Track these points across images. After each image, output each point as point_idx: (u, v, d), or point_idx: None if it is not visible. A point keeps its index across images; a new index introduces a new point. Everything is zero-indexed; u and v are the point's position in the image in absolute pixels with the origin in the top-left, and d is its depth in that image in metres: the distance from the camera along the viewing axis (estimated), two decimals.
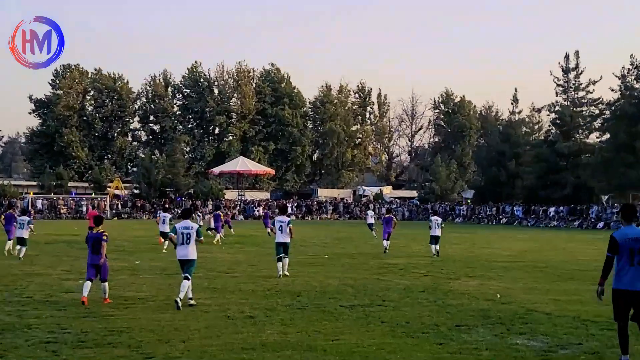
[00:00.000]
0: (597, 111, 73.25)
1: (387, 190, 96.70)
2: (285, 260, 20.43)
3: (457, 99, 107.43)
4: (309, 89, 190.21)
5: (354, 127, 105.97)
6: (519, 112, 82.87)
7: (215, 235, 35.73)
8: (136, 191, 79.87)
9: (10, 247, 27.54)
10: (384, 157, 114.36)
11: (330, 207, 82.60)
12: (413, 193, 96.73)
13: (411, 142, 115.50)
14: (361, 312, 14.18)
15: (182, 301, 14.55)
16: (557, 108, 73.93)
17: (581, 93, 74.14)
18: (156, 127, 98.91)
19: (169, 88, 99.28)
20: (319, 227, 57.16)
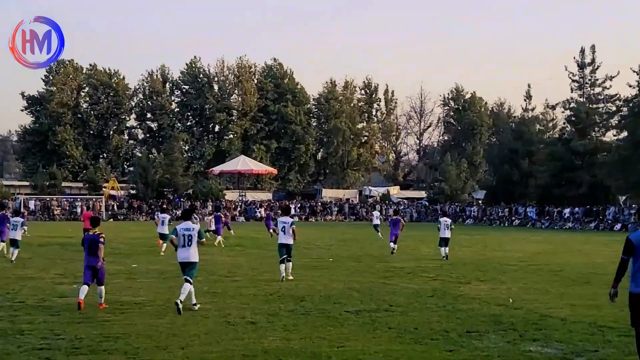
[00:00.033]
0: (614, 108, 73.13)
1: (395, 190, 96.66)
2: (288, 263, 20.50)
3: (468, 96, 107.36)
4: (313, 85, 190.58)
5: (360, 125, 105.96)
6: (533, 109, 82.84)
7: (215, 237, 35.85)
8: (133, 191, 79.98)
9: (3, 250, 27.62)
10: (391, 156, 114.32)
11: (335, 208, 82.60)
12: (421, 193, 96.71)
13: (420, 141, 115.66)
14: (367, 318, 14.17)
15: (183, 304, 14.56)
16: (572, 105, 73.78)
17: (597, 89, 74.02)
18: (153, 125, 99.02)
19: (167, 84, 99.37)
20: (323, 229, 57.15)
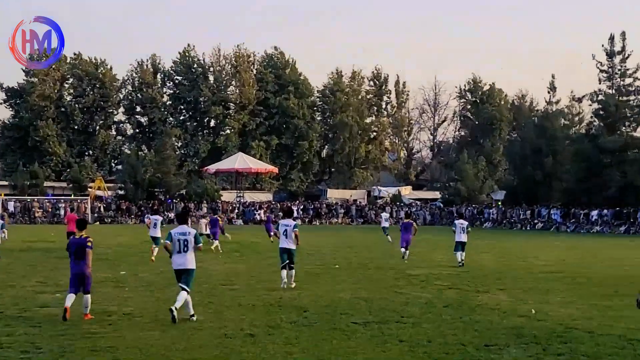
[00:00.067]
0: None
1: (406, 191, 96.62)
2: (290, 271, 20.55)
3: (486, 87, 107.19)
4: (317, 76, 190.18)
5: (369, 119, 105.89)
6: (557, 102, 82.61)
7: (213, 242, 35.97)
8: (121, 192, 79.93)
9: None
10: (403, 154, 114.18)
11: (341, 210, 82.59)
12: (436, 194, 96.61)
13: (434, 136, 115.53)
14: (376, 330, 14.17)
15: (179, 312, 14.57)
16: (601, 97, 73.54)
17: (628, 80, 73.68)
18: (143, 120, 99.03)
19: (158, 75, 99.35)
20: (329, 233, 57.17)
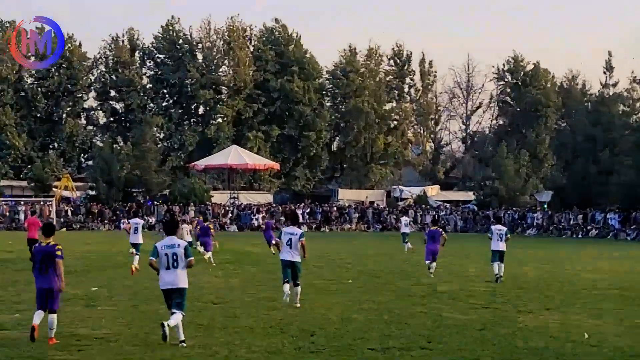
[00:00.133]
0: None
1: (433, 191, 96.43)
2: (296, 288, 20.58)
3: (529, 67, 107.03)
4: (327, 54, 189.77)
5: (388, 105, 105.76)
6: (614, 85, 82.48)
7: (205, 252, 36.05)
8: (92, 192, 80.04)
9: None
10: (429, 146, 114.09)
11: (355, 215, 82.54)
12: (469, 195, 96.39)
13: (466, 126, 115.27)
14: (398, 357, 14.18)
15: (171, 331, 14.62)
16: None
17: None
18: (119, 106, 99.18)
19: (137, 53, 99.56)
20: (340, 241, 57.18)
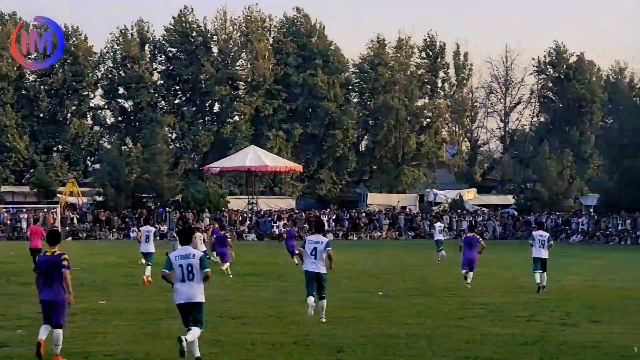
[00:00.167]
0: None
1: (470, 194, 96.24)
2: (321, 302, 20.54)
3: (573, 59, 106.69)
4: (353, 46, 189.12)
5: (420, 102, 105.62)
6: None
7: (222, 263, 36.05)
8: (99, 198, 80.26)
9: None
10: (465, 146, 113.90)
11: (385, 221, 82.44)
12: (508, 199, 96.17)
13: (505, 124, 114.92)
14: None
15: (188, 349, 14.65)
16: None
17: None
18: (128, 104, 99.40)
19: (147, 47, 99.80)
20: (370, 250, 57.23)
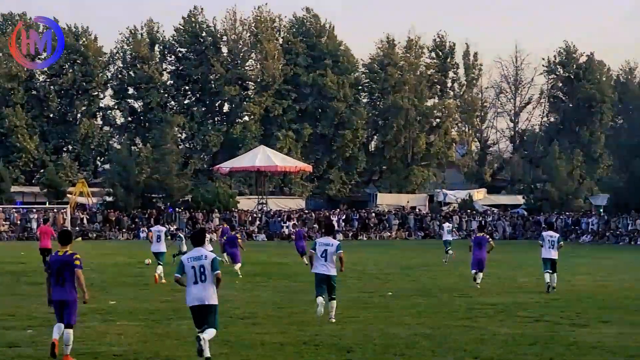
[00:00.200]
0: None
1: (480, 195, 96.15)
2: (332, 302, 20.56)
3: (583, 59, 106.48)
4: (363, 46, 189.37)
5: (430, 102, 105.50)
6: None
7: (232, 264, 36.03)
8: (109, 199, 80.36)
9: None
10: (475, 146, 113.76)
11: (395, 221, 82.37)
12: (518, 199, 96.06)
13: (514, 124, 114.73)
14: None
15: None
16: None
17: None
18: (137, 105, 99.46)
19: (156, 47, 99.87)
20: (379, 251, 57.22)
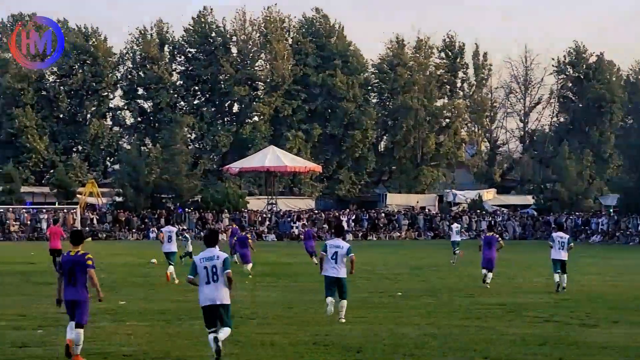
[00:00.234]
0: None
1: (489, 195, 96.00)
2: (342, 301, 20.56)
3: (593, 59, 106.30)
4: (372, 46, 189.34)
5: (440, 102, 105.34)
6: None
7: (243, 265, 36.07)
8: (119, 199, 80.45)
9: None
10: (484, 146, 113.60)
11: (405, 221, 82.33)
12: (527, 199, 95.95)
13: (524, 124, 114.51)
14: None
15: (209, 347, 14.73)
16: None
17: None
18: (147, 105, 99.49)
19: (166, 47, 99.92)
20: (389, 251, 57.23)
